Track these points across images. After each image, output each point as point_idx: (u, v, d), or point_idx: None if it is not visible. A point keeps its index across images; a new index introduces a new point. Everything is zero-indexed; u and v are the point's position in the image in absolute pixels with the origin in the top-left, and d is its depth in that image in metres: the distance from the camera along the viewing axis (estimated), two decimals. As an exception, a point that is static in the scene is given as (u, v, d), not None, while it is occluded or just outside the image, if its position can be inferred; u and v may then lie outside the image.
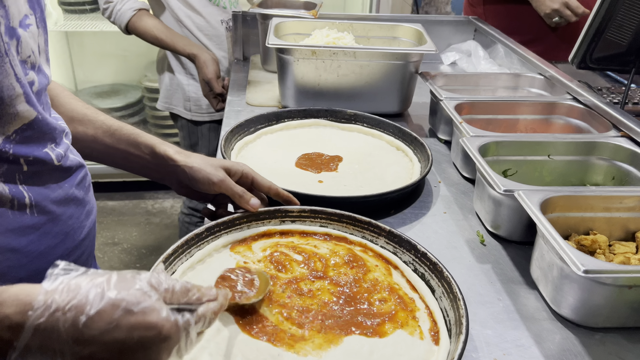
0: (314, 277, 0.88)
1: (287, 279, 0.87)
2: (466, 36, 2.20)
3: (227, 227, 0.96)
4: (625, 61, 1.40)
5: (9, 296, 0.53)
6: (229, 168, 0.96)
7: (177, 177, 0.96)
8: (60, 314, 0.51)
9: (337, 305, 0.83)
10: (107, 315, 0.52)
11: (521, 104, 1.44)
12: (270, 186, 1.01)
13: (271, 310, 0.80)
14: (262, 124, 1.43)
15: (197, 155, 0.96)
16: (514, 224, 1.05)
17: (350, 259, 0.92)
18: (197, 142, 2.23)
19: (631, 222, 1.01)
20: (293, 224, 1.00)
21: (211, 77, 1.87)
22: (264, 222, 0.99)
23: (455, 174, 1.34)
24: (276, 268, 0.89)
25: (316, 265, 0.90)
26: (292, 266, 0.90)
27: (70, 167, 0.83)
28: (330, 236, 0.98)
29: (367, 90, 1.58)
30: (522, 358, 0.82)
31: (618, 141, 1.21)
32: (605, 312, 0.85)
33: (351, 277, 0.88)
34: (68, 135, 0.85)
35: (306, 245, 0.96)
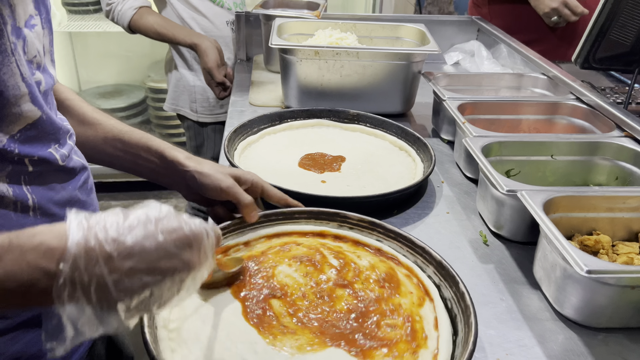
0: (337, 285, 0.86)
1: (313, 280, 0.86)
2: (469, 36, 2.20)
3: (285, 218, 0.99)
4: (629, 61, 1.40)
5: (41, 228, 0.54)
6: (238, 176, 0.96)
7: (186, 183, 0.95)
8: (97, 229, 0.53)
9: (345, 317, 0.80)
10: (139, 228, 0.56)
11: (524, 104, 1.44)
12: (281, 197, 1.01)
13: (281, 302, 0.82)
14: (265, 124, 1.43)
15: (207, 162, 0.96)
16: (517, 224, 1.05)
17: (385, 278, 0.87)
18: (202, 144, 2.24)
19: (634, 223, 1.01)
20: (350, 230, 0.99)
21: (212, 66, 1.86)
22: (321, 223, 1.00)
23: (458, 174, 1.34)
24: (309, 266, 0.88)
25: (346, 274, 0.88)
26: (323, 268, 0.88)
27: (74, 168, 0.84)
28: (381, 252, 0.94)
29: (370, 90, 1.58)
30: (524, 358, 0.82)
31: (621, 141, 1.21)
32: (608, 313, 0.85)
33: (374, 295, 0.84)
34: (72, 136, 0.85)
35: (351, 253, 0.93)
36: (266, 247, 0.94)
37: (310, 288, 0.85)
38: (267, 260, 0.89)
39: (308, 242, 0.95)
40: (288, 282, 0.85)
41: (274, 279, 0.85)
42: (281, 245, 0.94)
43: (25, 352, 0.77)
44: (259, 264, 0.89)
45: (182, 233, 0.58)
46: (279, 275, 0.86)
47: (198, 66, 2.05)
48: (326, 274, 0.87)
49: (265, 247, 0.95)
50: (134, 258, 0.54)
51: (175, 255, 0.57)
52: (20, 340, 0.77)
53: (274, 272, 0.86)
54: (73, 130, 0.86)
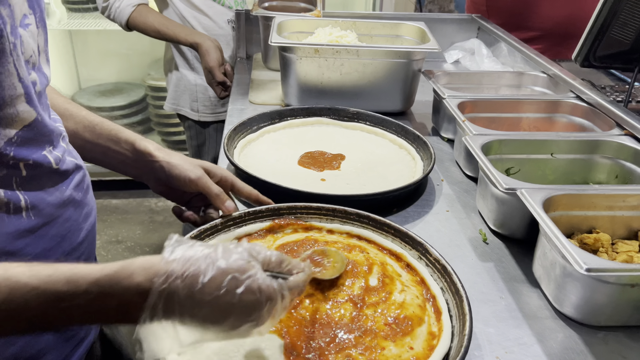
0: (351, 300, 0.84)
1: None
2: (470, 34, 2.19)
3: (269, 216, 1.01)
4: (629, 59, 1.40)
5: (137, 267, 0.61)
6: (208, 169, 0.97)
7: (155, 174, 0.95)
8: (180, 281, 0.60)
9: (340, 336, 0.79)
10: (217, 281, 0.61)
11: (524, 102, 1.44)
12: (250, 192, 1.01)
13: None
14: (265, 122, 1.43)
15: (177, 154, 0.96)
16: (517, 223, 1.05)
17: (397, 321, 0.83)
18: (204, 143, 2.24)
19: (634, 221, 1.01)
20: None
21: (213, 65, 1.86)
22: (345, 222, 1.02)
23: (458, 173, 1.34)
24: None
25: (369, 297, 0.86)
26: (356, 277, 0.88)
27: (67, 169, 0.83)
28: (428, 291, 0.89)
29: (370, 88, 1.58)
30: (524, 356, 0.82)
31: (621, 139, 1.20)
32: (608, 311, 0.85)
33: (379, 323, 0.81)
34: (65, 138, 0.84)
35: (395, 274, 0.91)
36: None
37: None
38: None
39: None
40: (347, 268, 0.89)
41: None
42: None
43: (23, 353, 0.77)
44: None
45: (256, 297, 0.62)
46: None
47: (199, 65, 2.05)
48: (349, 288, 0.88)
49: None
50: (206, 308, 0.61)
51: (245, 313, 0.62)
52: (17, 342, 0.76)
53: None
54: (66, 132, 0.85)
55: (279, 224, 1.00)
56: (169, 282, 0.59)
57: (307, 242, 0.95)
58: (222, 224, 0.96)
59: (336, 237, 0.98)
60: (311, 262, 0.86)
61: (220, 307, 0.61)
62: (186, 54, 2.07)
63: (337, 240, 0.97)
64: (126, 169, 0.98)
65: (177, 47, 2.07)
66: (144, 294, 0.59)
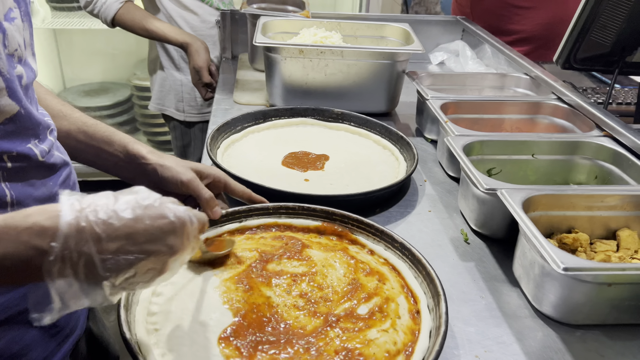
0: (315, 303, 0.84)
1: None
2: (454, 36, 2.21)
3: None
4: (609, 62, 1.42)
5: (34, 209, 0.58)
6: (200, 171, 0.97)
7: (148, 177, 0.95)
8: (88, 211, 0.57)
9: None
10: (127, 211, 0.59)
11: (507, 103, 1.45)
12: (244, 191, 1.02)
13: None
14: (249, 122, 1.43)
15: (169, 156, 0.96)
16: (498, 223, 1.06)
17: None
18: (189, 143, 2.22)
19: (612, 221, 1.02)
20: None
21: (202, 66, 1.85)
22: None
23: (440, 173, 1.35)
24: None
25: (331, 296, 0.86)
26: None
27: (54, 164, 0.82)
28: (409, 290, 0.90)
29: (354, 89, 1.58)
30: (503, 355, 0.83)
31: (601, 141, 1.22)
32: (585, 310, 0.86)
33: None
34: (53, 132, 0.84)
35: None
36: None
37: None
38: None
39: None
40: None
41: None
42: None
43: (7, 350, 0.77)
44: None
45: (168, 219, 0.62)
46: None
47: (185, 65, 2.04)
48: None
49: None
50: (121, 240, 0.58)
51: (160, 239, 0.61)
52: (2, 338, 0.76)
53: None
54: (54, 126, 0.85)
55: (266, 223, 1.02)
56: (76, 215, 0.56)
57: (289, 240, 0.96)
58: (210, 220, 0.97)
59: (324, 240, 0.99)
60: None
61: (133, 238, 0.59)
62: (172, 53, 2.06)
63: (321, 242, 0.98)
64: (118, 171, 0.98)
65: (163, 47, 2.06)
66: (45, 233, 0.56)
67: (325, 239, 0.99)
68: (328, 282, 0.87)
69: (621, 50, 1.39)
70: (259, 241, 0.96)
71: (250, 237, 0.98)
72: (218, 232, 0.99)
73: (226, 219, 1.00)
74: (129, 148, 0.94)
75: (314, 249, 0.93)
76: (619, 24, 1.33)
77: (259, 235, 0.99)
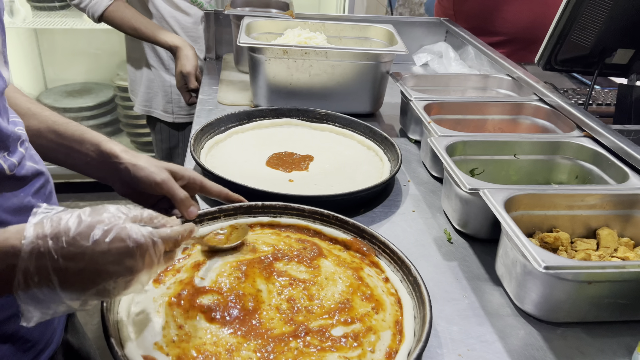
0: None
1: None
2: (438, 38, 2.22)
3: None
4: (589, 63, 1.44)
5: (11, 230, 0.62)
6: (175, 171, 0.96)
7: (120, 176, 0.93)
8: (49, 238, 0.60)
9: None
10: (85, 233, 0.61)
11: (489, 104, 1.46)
12: (220, 190, 1.02)
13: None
14: (233, 123, 1.43)
15: (143, 156, 0.95)
16: (480, 222, 1.07)
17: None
18: (177, 145, 2.20)
19: (592, 220, 1.04)
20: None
21: (190, 71, 1.83)
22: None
23: (424, 173, 1.36)
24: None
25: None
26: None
27: (25, 176, 0.80)
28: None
29: (339, 90, 1.59)
30: (486, 353, 0.84)
31: (581, 141, 1.24)
32: (566, 308, 0.88)
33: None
34: (25, 142, 0.81)
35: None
36: None
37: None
38: None
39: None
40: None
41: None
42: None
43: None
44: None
45: (126, 244, 0.63)
46: None
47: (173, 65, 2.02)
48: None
49: None
50: (78, 262, 0.61)
51: (118, 262, 0.63)
52: None
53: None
54: (26, 136, 0.82)
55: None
56: (37, 240, 0.60)
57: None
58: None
59: (345, 254, 0.98)
60: (215, 235, 0.93)
61: (92, 259, 0.61)
62: (161, 54, 2.03)
63: (340, 255, 0.96)
64: (90, 171, 0.96)
65: (152, 48, 2.03)
66: (11, 252, 0.60)
67: (348, 254, 0.96)
68: (321, 295, 0.84)
69: (600, 52, 1.42)
70: (283, 239, 0.96)
71: (277, 234, 0.98)
72: (248, 221, 1.00)
73: (261, 211, 1.03)
74: (101, 147, 0.92)
75: (328, 260, 0.92)
76: (598, 27, 1.35)
77: (286, 234, 0.99)
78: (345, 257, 0.95)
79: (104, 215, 0.64)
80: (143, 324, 0.77)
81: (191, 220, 0.94)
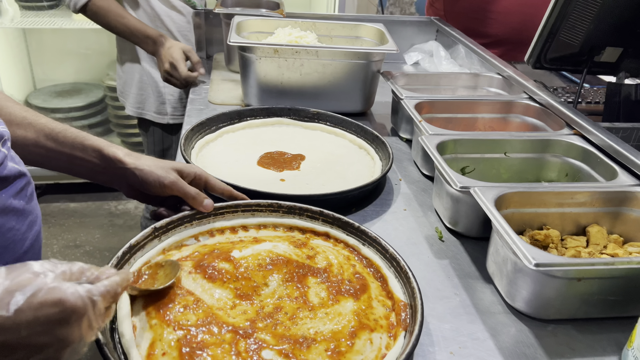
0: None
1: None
2: (428, 37, 2.23)
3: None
4: (578, 61, 1.45)
5: None
6: (181, 170, 0.96)
7: (127, 180, 0.93)
8: None
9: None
10: (4, 302, 0.52)
11: (480, 102, 1.47)
12: (224, 188, 1.02)
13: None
14: (224, 122, 1.42)
15: (147, 157, 0.95)
16: (471, 220, 1.07)
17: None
18: (170, 147, 2.18)
19: (582, 217, 1.05)
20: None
21: (177, 57, 1.79)
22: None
23: (415, 172, 1.36)
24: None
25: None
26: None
27: (7, 176, 0.79)
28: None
29: (330, 89, 1.59)
30: (477, 351, 0.84)
31: (571, 139, 1.24)
32: (556, 305, 0.88)
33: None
34: (6, 143, 0.80)
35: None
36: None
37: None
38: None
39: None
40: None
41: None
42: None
43: None
44: None
45: (58, 310, 0.55)
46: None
47: None
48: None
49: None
50: (4, 333, 0.53)
51: (48, 332, 0.55)
52: None
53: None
54: (9, 135, 0.81)
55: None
56: None
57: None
58: (192, 216, 0.96)
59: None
60: (142, 276, 0.82)
61: (22, 329, 0.53)
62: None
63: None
64: (95, 176, 0.95)
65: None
66: None
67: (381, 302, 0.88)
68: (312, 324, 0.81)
69: (589, 50, 1.43)
70: (342, 261, 0.93)
71: (345, 254, 0.96)
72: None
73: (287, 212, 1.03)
74: (104, 152, 0.92)
75: (354, 303, 0.85)
76: (587, 25, 1.36)
77: (345, 252, 0.97)
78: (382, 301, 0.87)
79: (25, 275, 0.55)
80: None
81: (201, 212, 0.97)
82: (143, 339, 0.73)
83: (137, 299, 0.79)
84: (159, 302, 0.78)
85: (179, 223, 0.95)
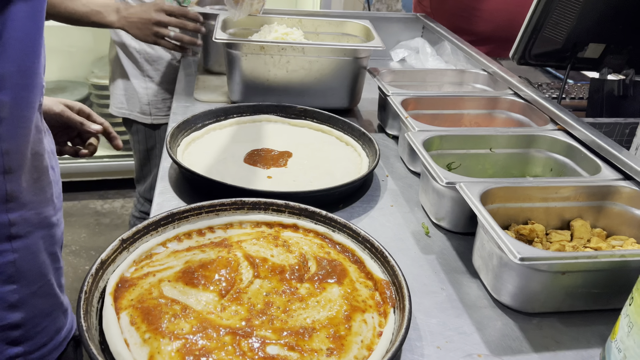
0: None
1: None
2: (415, 33, 2.24)
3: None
4: (562, 57, 1.47)
5: None
6: (66, 103, 1.12)
7: None
8: None
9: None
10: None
11: (465, 99, 1.48)
12: (103, 122, 1.21)
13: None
14: (210, 119, 1.42)
15: None
16: (457, 216, 1.08)
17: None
18: (154, 146, 2.17)
19: (566, 211, 1.06)
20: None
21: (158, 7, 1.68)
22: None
23: (402, 168, 1.37)
24: None
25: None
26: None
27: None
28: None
29: (316, 85, 1.59)
30: (464, 345, 0.85)
31: (555, 134, 1.26)
32: (541, 298, 0.89)
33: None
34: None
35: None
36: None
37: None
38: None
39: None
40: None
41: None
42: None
43: None
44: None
45: None
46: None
47: (150, 67, 1.99)
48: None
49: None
50: None
51: None
52: None
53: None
54: None
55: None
56: None
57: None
58: (156, 223, 0.95)
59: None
60: None
61: None
62: (134, 55, 2.00)
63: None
64: None
65: (124, 48, 2.00)
66: None
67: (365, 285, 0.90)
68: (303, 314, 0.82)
69: (573, 47, 1.44)
70: (316, 249, 0.95)
71: (320, 243, 0.97)
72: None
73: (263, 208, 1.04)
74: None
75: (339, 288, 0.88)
76: (570, 21, 1.37)
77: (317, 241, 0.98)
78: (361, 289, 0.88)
79: None
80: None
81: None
82: (140, 355, 0.71)
83: (121, 316, 0.77)
84: (146, 315, 0.76)
85: (145, 232, 0.93)
